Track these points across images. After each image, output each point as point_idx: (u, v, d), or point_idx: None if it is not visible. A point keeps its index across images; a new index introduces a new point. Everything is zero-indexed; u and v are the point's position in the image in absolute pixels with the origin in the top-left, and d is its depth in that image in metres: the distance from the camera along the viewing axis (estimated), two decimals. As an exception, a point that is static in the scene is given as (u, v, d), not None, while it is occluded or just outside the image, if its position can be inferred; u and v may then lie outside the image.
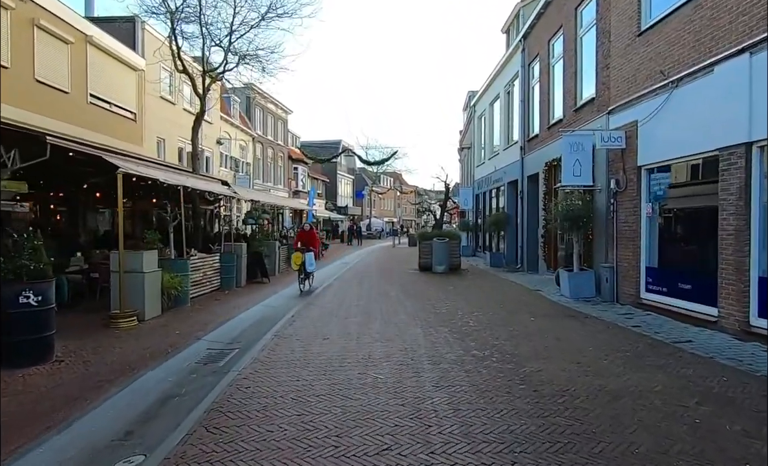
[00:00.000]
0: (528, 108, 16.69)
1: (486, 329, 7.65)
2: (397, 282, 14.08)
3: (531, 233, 16.62)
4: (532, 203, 16.56)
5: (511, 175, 18.64)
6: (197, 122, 15.21)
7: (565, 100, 13.09)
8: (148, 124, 18.98)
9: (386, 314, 8.97)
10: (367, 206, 65.64)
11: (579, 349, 6.35)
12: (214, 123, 25.29)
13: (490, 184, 22.55)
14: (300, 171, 43.12)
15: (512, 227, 19.17)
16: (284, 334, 7.45)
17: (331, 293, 12.11)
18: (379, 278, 15.17)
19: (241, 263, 13.70)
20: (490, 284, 13.69)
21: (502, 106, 20.19)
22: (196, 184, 11.86)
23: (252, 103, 33.62)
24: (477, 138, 26.32)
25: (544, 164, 14.44)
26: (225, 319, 9.11)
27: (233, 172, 29.18)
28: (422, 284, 13.77)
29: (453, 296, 11.33)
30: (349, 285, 13.56)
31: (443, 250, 16.73)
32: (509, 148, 19.21)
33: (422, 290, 12.43)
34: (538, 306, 9.79)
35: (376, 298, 11.07)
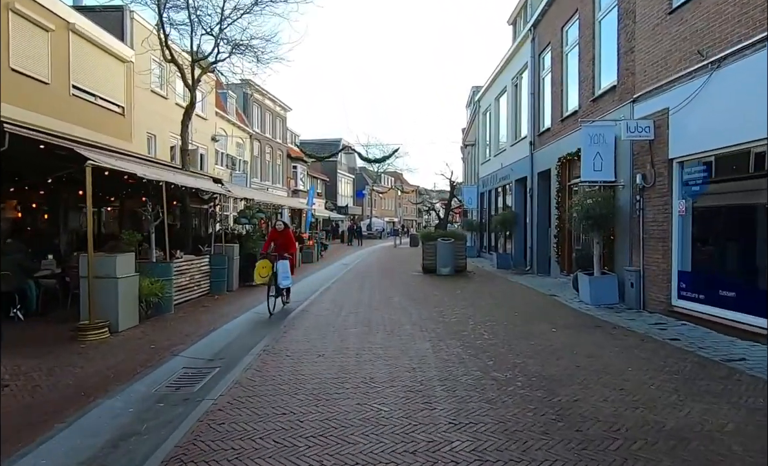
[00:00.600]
0: (538, 101, 15.75)
1: (503, 342, 6.72)
2: (400, 286, 13.15)
3: (541, 233, 15.68)
4: (543, 201, 15.62)
5: (519, 172, 17.70)
6: (187, 115, 14.29)
7: (581, 90, 12.15)
8: (138, 120, 18.07)
9: (389, 324, 8.04)
10: (367, 206, 64.72)
11: (618, 369, 5.42)
12: (209, 119, 24.39)
13: (495, 181, 21.61)
14: (299, 170, 42.20)
15: (520, 227, 18.24)
16: (273, 349, 6.52)
17: (328, 298, 11.19)
18: (381, 281, 14.24)
19: (232, 265, 12.78)
20: (500, 287, 12.75)
21: (509, 100, 19.25)
22: (183, 181, 10.93)
23: (249, 99, 32.71)
24: (482, 134, 25.37)
25: (557, 160, 13.50)
26: (210, 329, 8.18)
27: (229, 170, 28.28)
28: (427, 287, 12.84)
29: (461, 301, 10.40)
30: (348, 289, 12.63)
31: (448, 251, 15.80)
32: (517, 143, 18.27)
33: (427, 294, 11.50)
34: (558, 314, 8.85)
35: (377, 304, 10.14)
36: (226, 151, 27.99)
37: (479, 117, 25.73)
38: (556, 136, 13.88)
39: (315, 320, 8.55)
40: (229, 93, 28.86)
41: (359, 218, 61.08)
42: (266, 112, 35.42)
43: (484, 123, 25.00)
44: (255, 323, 8.75)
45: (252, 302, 11.01)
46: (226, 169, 27.48)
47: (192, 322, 8.69)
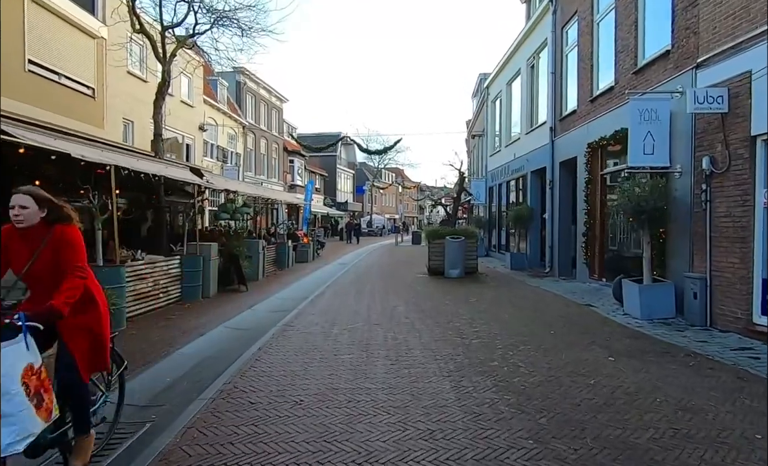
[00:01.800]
0: (561, 81, 13.91)
1: (551, 380, 4.91)
2: (404, 291, 11.34)
3: (563, 231, 13.86)
4: (566, 195, 13.82)
5: (535, 162, 15.88)
6: (160, 95, 12.45)
7: (618, 62, 10.31)
8: (112, 104, 16.27)
9: (393, 348, 6.24)
10: (367, 202, 62.86)
11: (742, 434, 3.62)
12: (196, 107, 22.58)
13: (506, 174, 19.77)
14: (296, 164, 40.42)
15: (536, 224, 16.42)
16: (234, 390, 4.72)
17: (320, 307, 9.39)
18: (382, 286, 12.43)
19: (209, 267, 10.98)
20: (521, 294, 10.93)
21: (524, 84, 17.41)
22: (145, 168, 9.11)
23: (242, 88, 30.86)
24: (490, 124, 23.53)
25: (585, 146, 11.68)
26: (161, 353, 6.37)
27: (220, 162, 26.49)
28: (436, 293, 11.03)
29: (480, 314, 8.60)
30: (344, 296, 10.83)
31: (458, 250, 13.99)
32: (533, 131, 16.44)
33: (438, 304, 9.70)
34: (605, 332, 7.04)
35: (378, 317, 8.34)
36: (217, 143, 26.19)
37: (487, 105, 23.89)
38: (584, 119, 12.04)
39: (299, 340, 6.75)
40: (219, 80, 27.03)
41: (359, 215, 59.29)
42: (261, 102, 33.58)
43: (493, 111, 23.16)
44: (223, 344, 6.94)
45: (227, 312, 9.21)
46: (216, 162, 25.69)
47: (141, 343, 6.87)
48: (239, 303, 10.36)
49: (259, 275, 14.56)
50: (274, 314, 9.15)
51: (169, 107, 19.60)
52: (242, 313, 9.28)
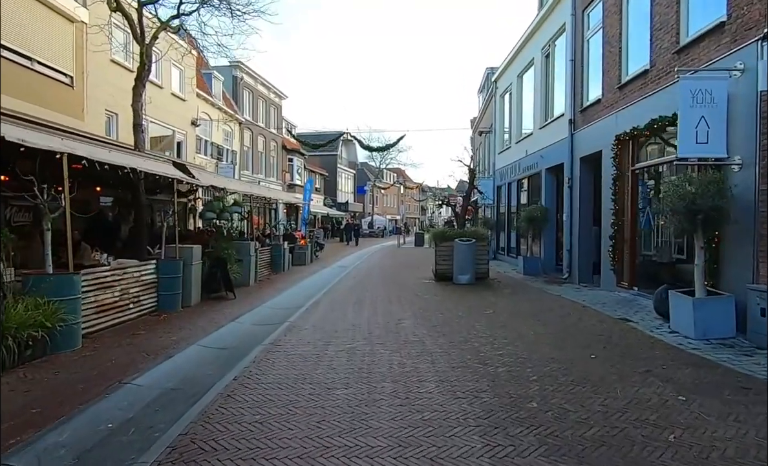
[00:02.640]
0: (581, 68, 12.67)
1: (615, 435, 3.67)
2: (409, 301, 10.11)
3: (584, 233, 12.63)
4: (586, 193, 12.59)
5: (551, 158, 14.65)
6: (139, 80, 11.26)
7: (654, 42, 9.08)
8: (94, 94, 15.05)
9: (401, 379, 5.01)
10: (369, 203, 61.66)
11: None
12: (189, 100, 21.36)
13: (517, 172, 18.54)
14: (296, 163, 39.21)
15: (551, 225, 15.20)
16: (190, 447, 3.50)
17: (314, 320, 8.16)
18: (385, 293, 11.20)
19: (191, 272, 9.75)
20: (543, 305, 9.67)
21: (538, 75, 16.17)
22: (113, 159, 7.86)
23: (239, 83, 29.67)
24: (499, 120, 22.30)
25: (612, 139, 10.44)
26: (109, 387, 5.13)
27: (215, 160, 25.29)
28: (446, 303, 9.79)
29: (500, 329, 7.36)
30: (342, 305, 9.60)
31: (468, 254, 12.75)
32: (548, 125, 15.20)
33: (450, 316, 8.45)
34: (658, 358, 5.79)
35: (381, 333, 7.11)
36: (211, 139, 24.99)
37: (495, 100, 22.65)
38: (610, 109, 10.81)
39: (285, 366, 5.52)
40: (214, 74, 25.83)
41: (360, 215, 58.09)
42: (259, 98, 32.38)
43: (501, 107, 21.93)
44: (192, 371, 5.70)
45: (207, 326, 7.98)
46: (210, 159, 24.50)
47: (92, 368, 5.63)
48: (223, 314, 9.13)
49: (250, 280, 13.34)
50: (261, 328, 7.92)
51: (157, 99, 18.44)
52: (223, 327, 8.05)
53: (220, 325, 8.16)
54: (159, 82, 18.71)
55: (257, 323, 8.46)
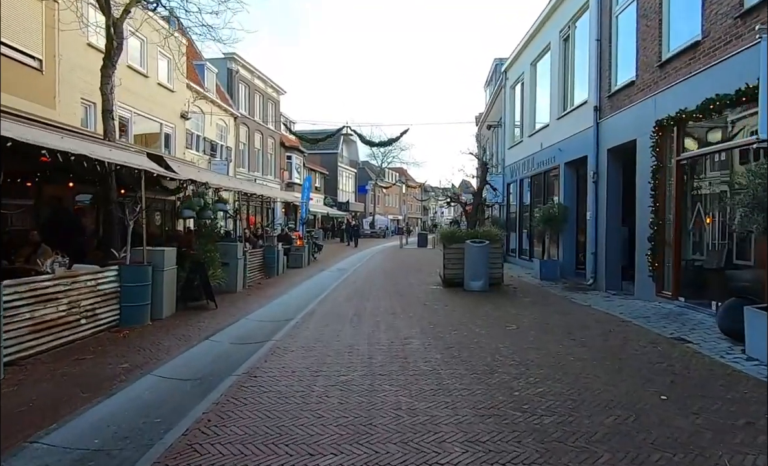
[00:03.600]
0: (609, 48, 11.27)
1: None
2: (416, 312, 8.72)
3: (611, 234, 11.24)
4: (615, 189, 11.22)
5: (571, 151, 13.26)
6: (108, 59, 9.89)
7: (706, 9, 7.67)
8: (68, 80, 13.69)
9: (413, 437, 3.61)
10: (370, 202, 60.26)
11: None
12: (177, 91, 19.98)
13: (530, 168, 17.15)
14: (294, 160, 37.81)
15: (571, 225, 13.81)
16: None
17: (303, 339, 6.78)
18: (388, 303, 9.81)
19: (163, 279, 8.36)
20: (574, 318, 8.25)
21: (555, 61, 14.77)
22: (68, 146, 6.48)
23: (234, 76, 28.32)
24: (509, 113, 20.90)
25: (651, 125, 9.04)
26: (18, 442, 3.76)
27: (208, 156, 23.95)
28: (460, 316, 8.39)
29: (531, 352, 5.96)
30: (338, 319, 8.21)
31: (481, 257, 11.36)
32: (568, 115, 13.81)
33: (468, 334, 7.05)
34: (750, 399, 4.39)
35: (384, 360, 5.72)
36: (203, 134, 23.64)
37: (505, 92, 21.25)
38: (647, 91, 9.41)
39: (257, 411, 4.13)
40: (207, 66, 24.49)
41: (361, 215, 56.73)
42: (255, 93, 31.03)
43: (512, 98, 20.53)
44: (132, 419, 4.30)
45: (173, 346, 6.61)
46: (203, 155, 23.16)
47: (10, 412, 4.26)
48: (198, 328, 7.75)
49: (237, 286, 11.96)
50: (239, 348, 6.56)
51: (142, 89, 17.09)
52: (194, 347, 6.67)
53: (190, 345, 6.78)
54: (144, 71, 17.35)
55: (236, 342, 7.08)
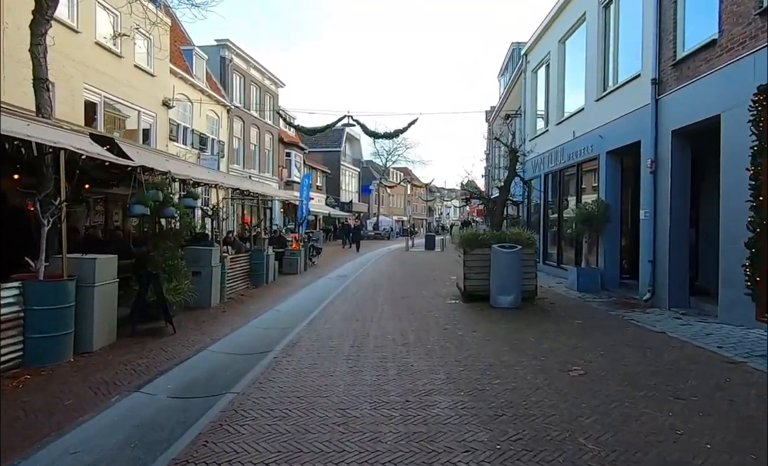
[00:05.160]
0: (674, 4, 9.01)
1: None
2: (437, 343, 6.48)
3: (677, 238, 8.99)
4: (681, 180, 8.96)
5: (616, 137, 11.02)
6: (38, 12, 7.74)
7: None
8: (16, 57, 11.56)
9: None
10: (374, 203, 58.07)
11: None
12: (160, 77, 17.83)
13: (558, 160, 14.91)
14: (294, 157, 35.68)
15: (614, 226, 11.57)
16: None
17: (275, 394, 4.58)
18: (397, 325, 7.60)
19: (93, 298, 6.17)
20: (656, 358, 5.95)
21: (593, 33, 12.51)
22: None
23: (227, 65, 26.20)
24: (530, 101, 18.65)
25: (751, 92, 6.78)
26: None
27: (197, 150, 21.83)
28: (497, 349, 6.13)
29: (628, 426, 3.73)
30: (330, 357, 5.99)
31: (512, 266, 9.12)
32: (610, 94, 11.57)
33: (518, 387, 4.79)
34: None
35: (397, 441, 3.51)
36: (191, 126, 21.51)
37: (525, 78, 19.00)
38: (740, 50, 7.15)
39: None
40: (196, 51, 22.39)
41: (365, 216, 54.55)
42: (251, 84, 28.90)
43: (533, 85, 18.29)
44: None
45: (81, 403, 4.39)
46: (191, 149, 21.03)
47: None
48: (133, 369, 5.55)
49: (212, 300, 9.78)
50: (175, 411, 4.36)
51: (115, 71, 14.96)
52: (108, 409, 4.44)
53: (107, 400, 4.57)
54: (117, 51, 15.22)
55: (178, 394, 4.88)
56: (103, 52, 14.57)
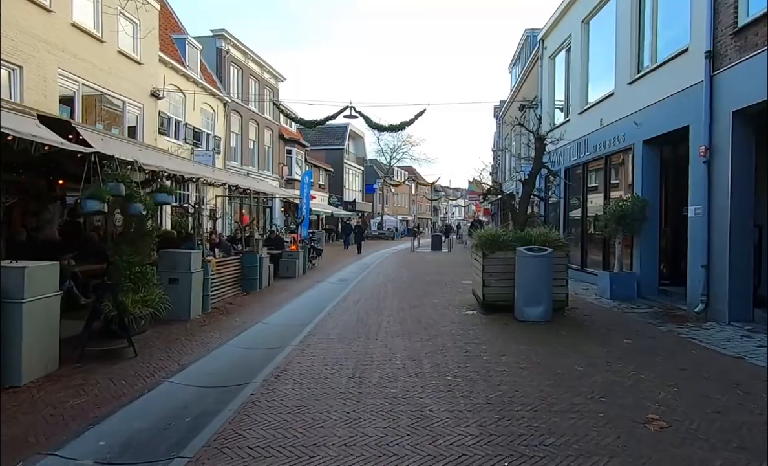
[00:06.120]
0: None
1: None
2: (459, 373, 5.09)
3: (738, 239, 7.58)
4: (744, 170, 7.54)
5: (656, 123, 9.62)
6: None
7: None
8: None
9: None
10: (378, 202, 56.70)
11: None
12: (147, 65, 16.50)
13: (582, 153, 13.51)
14: (295, 155, 34.30)
15: (652, 226, 10.17)
16: None
17: (244, 460, 3.22)
18: (407, 345, 6.22)
19: (21, 318, 4.83)
20: (755, 401, 4.62)
21: (626, 6, 11.09)
22: None
23: (224, 57, 24.90)
24: (547, 90, 17.22)
25: None
26: None
27: (190, 145, 20.53)
28: (539, 385, 4.75)
29: None
30: (322, 393, 4.64)
31: (542, 273, 7.74)
32: (648, 75, 10.16)
33: (583, 448, 3.44)
34: None
35: None
36: (184, 120, 20.22)
37: (542, 65, 17.57)
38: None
39: None
40: (189, 40, 21.08)
41: (369, 216, 53.22)
42: (250, 77, 27.58)
43: (551, 72, 16.87)
44: None
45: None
46: (183, 144, 19.74)
47: None
48: (62, 416, 4.21)
49: (191, 311, 8.43)
50: None
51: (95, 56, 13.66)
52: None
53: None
54: (98, 34, 13.91)
55: (112, 456, 3.53)
56: (81, 35, 13.27)
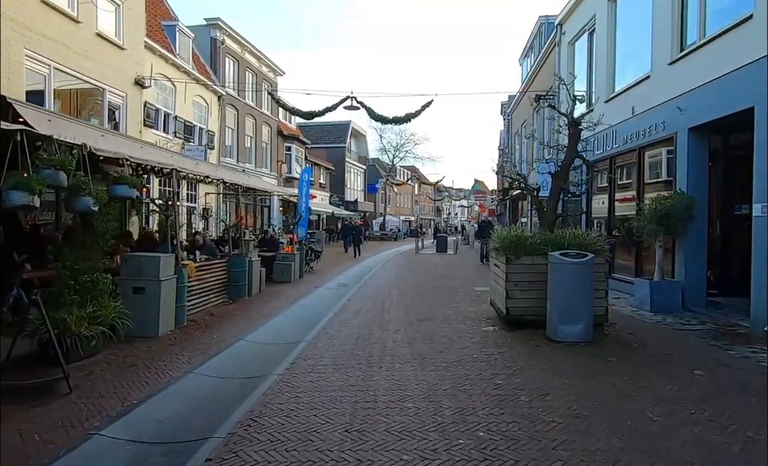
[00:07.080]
0: None
1: None
2: (494, 426, 3.73)
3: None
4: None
5: (708, 108, 8.25)
6: None
7: None
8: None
9: None
10: (380, 202, 55.32)
11: None
12: (130, 51, 15.10)
13: (610, 145, 12.17)
14: (294, 152, 32.91)
15: (699, 226, 8.79)
16: None
17: None
18: (418, 375, 4.87)
19: None
20: None
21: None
22: None
23: (218, 48, 23.57)
24: (566, 78, 15.80)
25: None
26: None
27: (180, 139, 19.22)
28: (604, 444, 3.40)
29: None
30: (309, 456, 3.28)
31: (581, 282, 6.38)
32: (693, 53, 8.79)
33: None
34: None
35: None
36: (174, 112, 18.91)
37: (560, 53, 16.20)
38: None
39: None
40: (180, 27, 19.73)
41: (371, 216, 51.87)
42: (246, 70, 26.24)
43: (570, 59, 15.49)
44: None
45: None
46: (173, 138, 18.43)
47: None
48: None
49: (159, 326, 7.07)
50: None
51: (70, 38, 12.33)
52: None
53: None
54: (73, 14, 12.59)
55: None
56: (52, 13, 11.92)
